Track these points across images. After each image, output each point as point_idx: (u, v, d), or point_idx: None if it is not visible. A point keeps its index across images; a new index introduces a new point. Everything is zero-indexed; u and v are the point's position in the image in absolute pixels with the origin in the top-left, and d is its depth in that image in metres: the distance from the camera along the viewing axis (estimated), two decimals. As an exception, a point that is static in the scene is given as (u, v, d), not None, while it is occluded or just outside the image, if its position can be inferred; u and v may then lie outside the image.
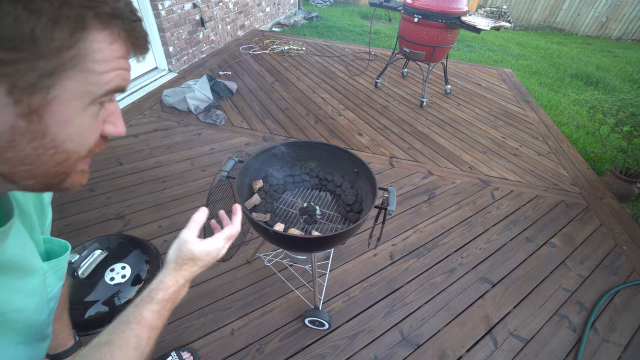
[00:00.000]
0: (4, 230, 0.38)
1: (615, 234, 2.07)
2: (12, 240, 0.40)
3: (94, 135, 0.35)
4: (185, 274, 0.55)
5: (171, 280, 0.53)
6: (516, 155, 2.72)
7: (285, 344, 1.41)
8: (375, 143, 2.75)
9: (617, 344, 1.52)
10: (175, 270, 0.55)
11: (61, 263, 0.50)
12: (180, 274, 0.55)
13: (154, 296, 0.50)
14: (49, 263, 0.47)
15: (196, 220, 0.60)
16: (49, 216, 0.55)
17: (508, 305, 1.64)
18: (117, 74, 0.33)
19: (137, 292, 1.48)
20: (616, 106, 2.44)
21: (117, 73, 0.33)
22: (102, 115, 0.35)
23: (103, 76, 0.32)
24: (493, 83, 3.98)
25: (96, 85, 0.32)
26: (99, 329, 1.38)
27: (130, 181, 2.16)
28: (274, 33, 5.08)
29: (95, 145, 0.36)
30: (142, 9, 3.15)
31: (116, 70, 0.33)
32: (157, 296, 0.50)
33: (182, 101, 2.91)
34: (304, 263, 1.68)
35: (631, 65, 5.56)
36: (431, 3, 2.86)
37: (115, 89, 0.34)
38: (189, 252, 0.56)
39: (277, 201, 1.32)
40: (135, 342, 0.45)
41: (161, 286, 0.52)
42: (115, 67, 0.33)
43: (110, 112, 0.37)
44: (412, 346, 1.45)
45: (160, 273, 0.54)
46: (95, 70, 0.31)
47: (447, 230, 2.01)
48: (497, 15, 3.17)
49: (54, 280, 0.49)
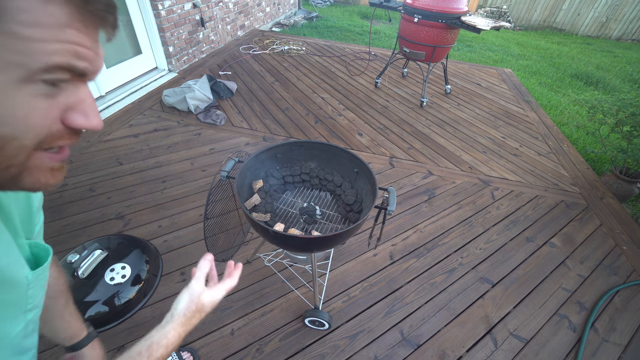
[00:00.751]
0: None
1: (615, 234, 2.07)
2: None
3: (44, 121, 0.29)
4: (189, 327, 0.55)
5: (174, 337, 0.52)
6: (516, 155, 2.72)
7: (285, 344, 1.41)
8: (375, 143, 2.75)
9: (617, 344, 1.52)
10: (183, 324, 0.54)
11: (45, 271, 0.45)
12: (185, 328, 0.54)
13: (153, 353, 0.49)
14: (35, 272, 0.42)
15: (203, 270, 0.62)
16: (40, 221, 0.51)
17: (508, 305, 1.64)
18: (63, 47, 0.27)
19: (137, 292, 1.48)
20: (616, 106, 2.44)
21: (63, 46, 0.27)
22: (63, 101, 0.30)
23: (37, 45, 0.26)
24: (493, 83, 3.98)
25: (27, 55, 0.25)
26: (99, 329, 1.38)
27: (130, 181, 2.16)
28: (274, 33, 5.08)
29: (55, 136, 0.31)
30: (142, 9, 3.15)
31: (61, 42, 0.27)
32: (157, 353, 0.49)
33: (182, 101, 2.91)
34: (304, 263, 1.68)
35: (631, 65, 5.56)
36: (431, 3, 2.86)
37: (63, 66, 0.28)
38: (200, 303, 0.57)
39: (277, 201, 1.32)
40: None
41: (163, 342, 0.51)
42: (60, 37, 0.27)
43: (79, 100, 0.31)
44: (412, 346, 1.45)
45: (167, 325, 0.53)
46: (22, 35, 0.25)
47: (447, 230, 2.01)
48: (497, 15, 3.17)
49: (37, 290, 0.44)
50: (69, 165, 2.24)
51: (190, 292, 0.58)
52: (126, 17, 3.06)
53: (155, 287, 1.57)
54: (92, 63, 0.30)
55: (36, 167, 0.31)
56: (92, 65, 0.31)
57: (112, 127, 2.66)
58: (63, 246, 1.71)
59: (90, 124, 0.32)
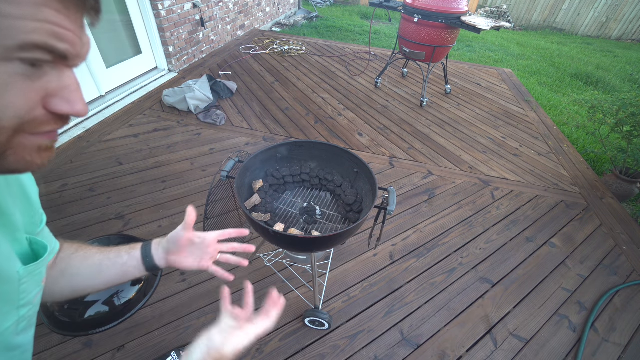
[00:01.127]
0: None
1: (615, 234, 2.07)
2: None
3: (23, 102, 0.29)
4: None
5: None
6: (516, 155, 2.72)
7: (285, 344, 1.41)
8: (375, 143, 2.75)
9: (617, 344, 1.52)
10: None
11: (40, 267, 0.44)
12: None
13: None
14: (27, 268, 0.41)
15: (229, 314, 0.58)
16: (41, 215, 0.51)
17: (508, 305, 1.64)
18: (40, 26, 0.27)
19: (137, 292, 1.48)
20: (616, 106, 2.44)
21: (40, 25, 0.27)
22: (45, 85, 0.30)
23: (13, 22, 0.25)
24: (493, 83, 3.98)
25: (2, 31, 0.25)
26: (99, 329, 1.38)
27: (130, 181, 2.16)
28: (274, 33, 5.08)
29: (39, 122, 0.31)
30: (142, 9, 3.15)
31: (39, 21, 0.27)
32: None
33: (182, 101, 2.91)
34: (304, 263, 1.68)
35: (631, 65, 5.56)
36: (431, 3, 2.86)
37: (41, 45, 0.27)
38: (217, 353, 0.52)
39: (277, 201, 1.32)
40: None
41: None
42: (37, 16, 0.26)
43: (63, 86, 0.31)
44: (412, 346, 1.45)
45: None
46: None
47: (447, 230, 2.01)
48: (497, 15, 3.17)
49: (31, 286, 0.43)
50: (69, 165, 2.24)
51: (207, 340, 0.53)
52: (126, 17, 3.06)
53: (155, 287, 1.57)
54: (74, 46, 0.30)
55: (21, 145, 0.31)
56: (75, 49, 0.30)
57: (112, 127, 2.66)
58: (63, 246, 1.71)
59: (73, 109, 0.32)
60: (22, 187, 0.47)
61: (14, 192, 0.44)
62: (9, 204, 0.42)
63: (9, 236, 0.41)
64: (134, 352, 1.34)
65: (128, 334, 1.39)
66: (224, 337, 0.54)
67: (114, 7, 2.94)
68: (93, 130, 2.61)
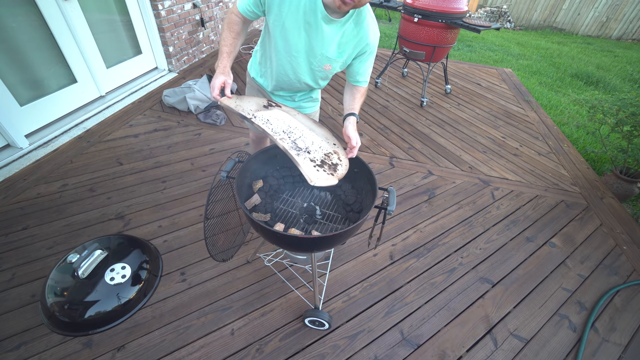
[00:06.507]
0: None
1: (615, 234, 2.07)
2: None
3: None
4: None
5: None
6: (516, 155, 2.72)
7: (285, 344, 1.41)
8: (375, 143, 2.75)
9: (617, 344, 1.52)
10: None
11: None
12: None
13: None
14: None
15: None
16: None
17: (508, 305, 1.64)
18: None
19: (137, 292, 1.49)
20: (616, 106, 2.44)
21: None
22: None
23: None
24: (493, 83, 3.98)
25: None
26: (99, 329, 1.38)
27: (130, 181, 2.16)
28: (274, 33, 5.08)
29: None
30: (142, 9, 3.15)
31: None
32: None
33: (182, 101, 2.91)
34: (304, 263, 1.68)
35: (631, 65, 5.55)
36: (431, 3, 2.86)
37: None
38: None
39: (277, 201, 1.32)
40: None
41: None
42: None
43: None
44: (412, 346, 1.45)
45: None
46: None
47: (447, 230, 2.01)
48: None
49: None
50: (69, 165, 2.24)
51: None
52: (126, 17, 3.06)
53: (155, 287, 1.57)
54: None
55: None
56: None
57: (113, 127, 2.66)
58: (63, 246, 1.71)
59: None
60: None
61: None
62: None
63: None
64: (134, 352, 1.34)
65: (128, 334, 1.40)
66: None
67: (114, 7, 2.94)
68: (93, 130, 2.61)
